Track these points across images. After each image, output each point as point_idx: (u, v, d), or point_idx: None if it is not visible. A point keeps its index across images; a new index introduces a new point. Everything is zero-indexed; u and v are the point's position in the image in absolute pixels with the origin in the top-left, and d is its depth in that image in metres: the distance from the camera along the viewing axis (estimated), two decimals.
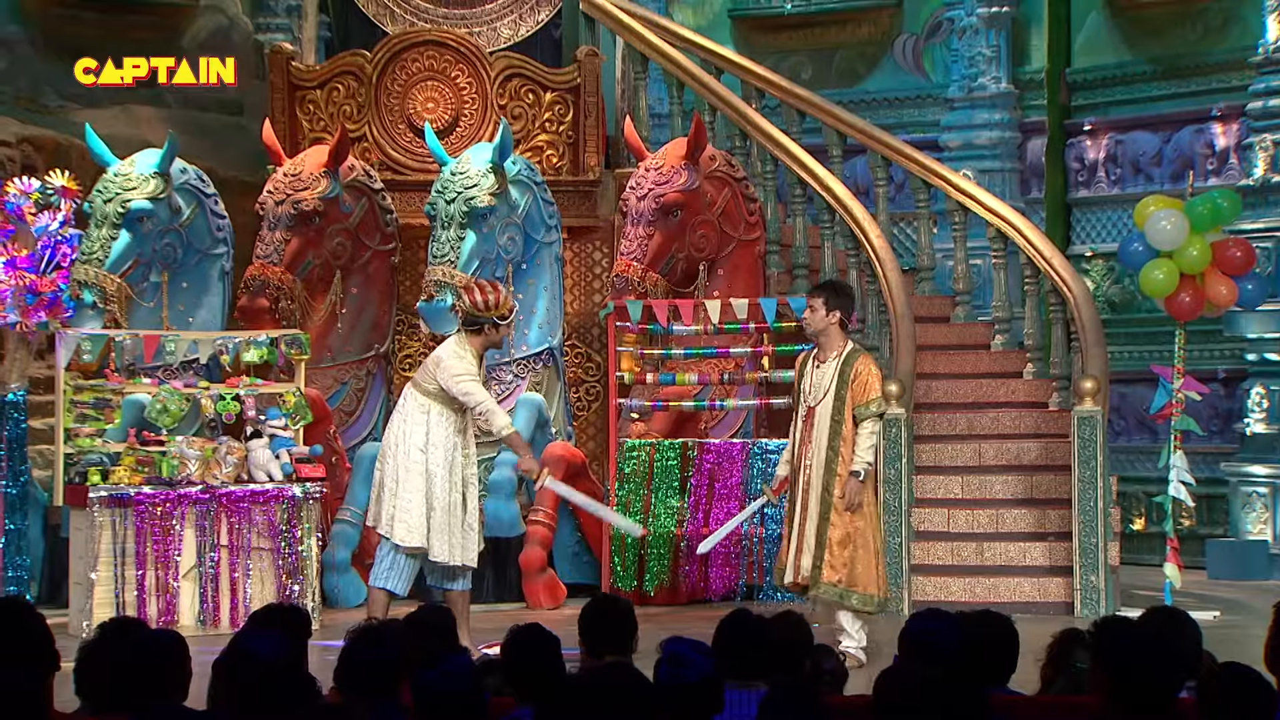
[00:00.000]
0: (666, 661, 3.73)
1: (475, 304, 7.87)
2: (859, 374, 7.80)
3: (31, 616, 4.20)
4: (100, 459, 9.07)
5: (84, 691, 3.95)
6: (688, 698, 3.68)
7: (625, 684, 2.83)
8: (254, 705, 3.74)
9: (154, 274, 9.96)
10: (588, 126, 10.97)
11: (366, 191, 10.53)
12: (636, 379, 9.99)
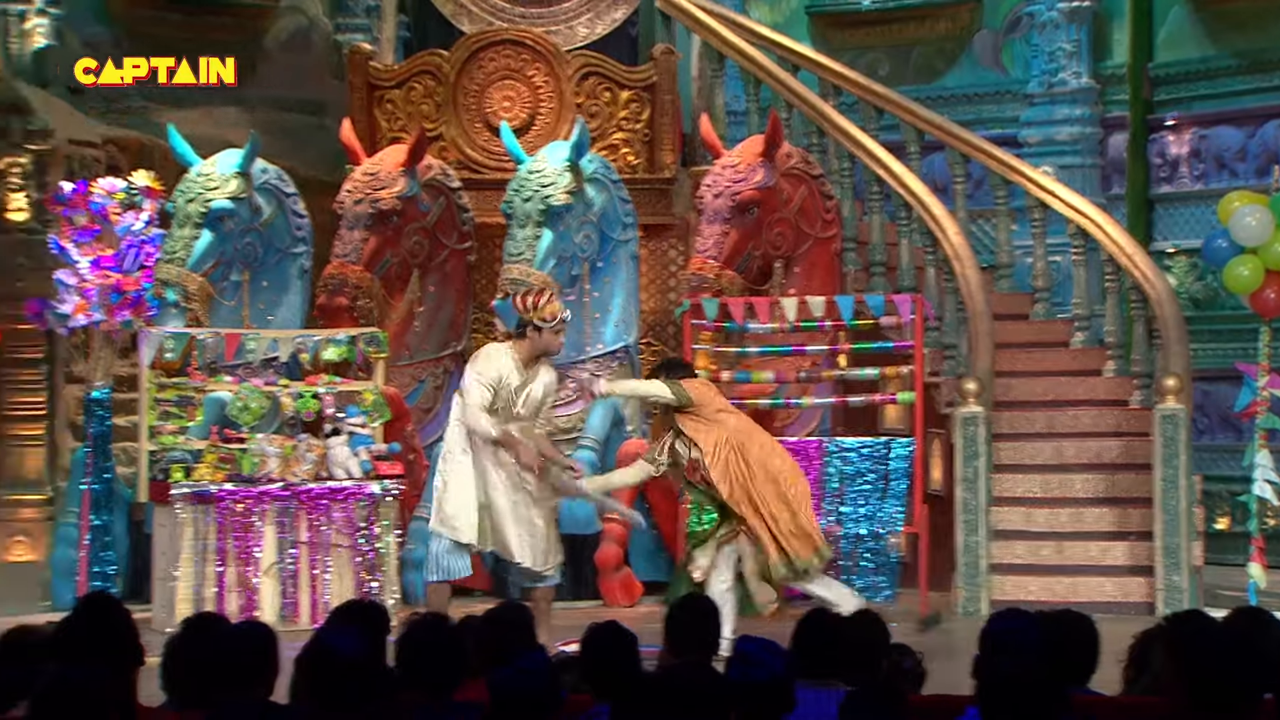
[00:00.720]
0: (736, 661, 3.73)
1: (518, 306, 7.89)
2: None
3: (118, 612, 4.26)
4: (183, 456, 9.18)
5: (170, 686, 3.99)
6: (758, 697, 3.67)
7: (701, 683, 2.83)
8: (334, 701, 3.77)
9: (235, 273, 10.07)
10: (664, 124, 10.96)
11: (444, 190, 10.59)
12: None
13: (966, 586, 9.54)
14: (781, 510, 7.90)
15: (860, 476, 9.48)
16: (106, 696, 3.06)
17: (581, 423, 10.18)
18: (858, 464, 9.49)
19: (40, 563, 10.32)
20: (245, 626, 4.26)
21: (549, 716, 3.68)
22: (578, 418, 10.22)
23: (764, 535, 7.90)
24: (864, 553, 9.45)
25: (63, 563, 9.83)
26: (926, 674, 4.70)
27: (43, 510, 10.53)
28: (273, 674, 4.02)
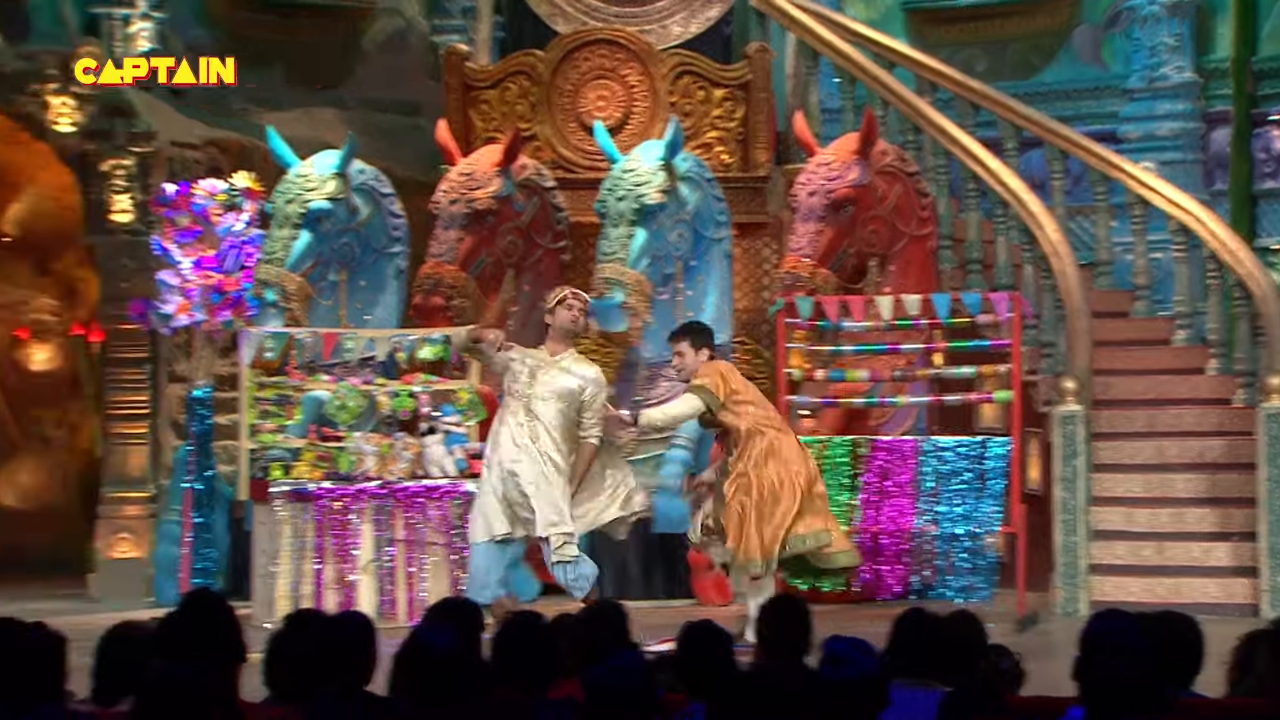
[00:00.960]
0: (827, 660, 3.71)
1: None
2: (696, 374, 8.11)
3: (222, 609, 4.31)
4: (282, 454, 9.28)
5: (271, 681, 4.04)
6: (850, 696, 3.65)
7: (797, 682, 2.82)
8: (431, 696, 3.79)
9: (332, 273, 10.17)
10: (758, 123, 10.93)
11: (538, 190, 10.63)
12: (806, 375, 9.93)
13: (1065, 587, 9.43)
14: (763, 504, 7.94)
15: (956, 476, 9.39)
16: (211, 692, 3.10)
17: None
18: (953, 463, 9.41)
19: (144, 559, 10.49)
20: (343, 617, 4.30)
21: (644, 715, 3.68)
22: None
23: (733, 521, 7.96)
24: (960, 553, 9.36)
25: (166, 559, 9.99)
26: (1025, 674, 4.65)
27: (146, 507, 10.70)
28: (371, 665, 4.06)
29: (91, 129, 10.56)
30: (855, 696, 3.63)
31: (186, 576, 9.47)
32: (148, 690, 3.30)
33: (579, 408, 8.24)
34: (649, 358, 10.29)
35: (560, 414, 8.17)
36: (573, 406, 8.22)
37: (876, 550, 9.53)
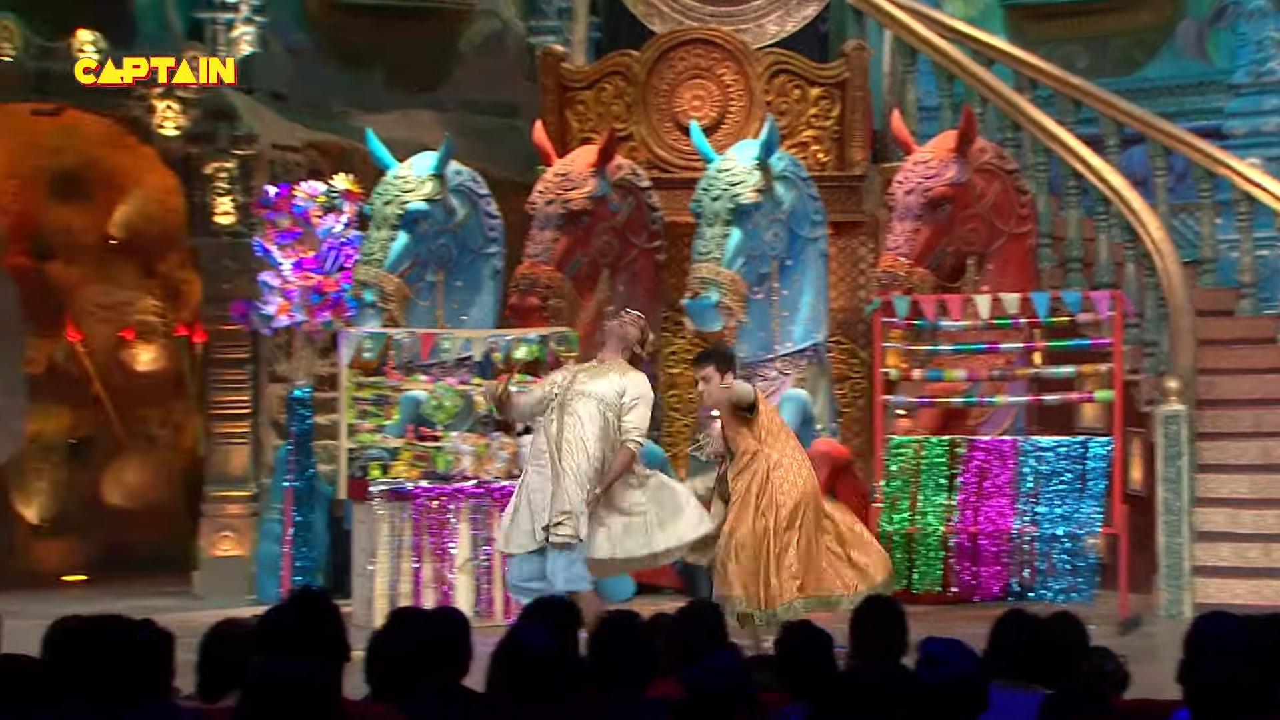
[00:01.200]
0: (923, 661, 3.68)
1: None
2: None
3: (327, 607, 4.35)
4: (380, 454, 9.37)
5: (373, 679, 4.08)
6: (948, 697, 3.61)
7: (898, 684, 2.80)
8: (528, 694, 3.81)
9: (430, 273, 10.25)
10: (854, 121, 10.87)
11: (634, 190, 10.65)
12: (903, 375, 9.86)
13: (1169, 589, 9.29)
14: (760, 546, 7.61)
15: (1056, 476, 9.28)
16: (319, 689, 3.12)
17: None
18: (1053, 463, 9.30)
19: (246, 557, 10.63)
20: (442, 615, 4.33)
21: (741, 714, 3.67)
22: None
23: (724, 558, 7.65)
24: (1060, 554, 9.25)
25: (267, 558, 10.11)
26: (1129, 677, 4.59)
27: (248, 506, 10.84)
28: (467, 660, 4.08)
29: (195, 132, 10.72)
30: (953, 698, 3.60)
31: (287, 575, 9.58)
32: (255, 686, 3.34)
33: (618, 410, 7.76)
34: (744, 357, 10.26)
35: (598, 413, 7.73)
36: (611, 409, 7.75)
37: (975, 551, 9.44)
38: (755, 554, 7.54)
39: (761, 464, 7.66)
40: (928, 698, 3.53)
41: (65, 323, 11.85)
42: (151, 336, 12.18)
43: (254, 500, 10.82)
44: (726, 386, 7.71)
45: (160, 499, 12.29)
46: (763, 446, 7.72)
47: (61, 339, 11.92)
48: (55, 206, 11.71)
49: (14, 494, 11.93)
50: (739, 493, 7.66)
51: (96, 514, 12.16)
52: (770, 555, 7.55)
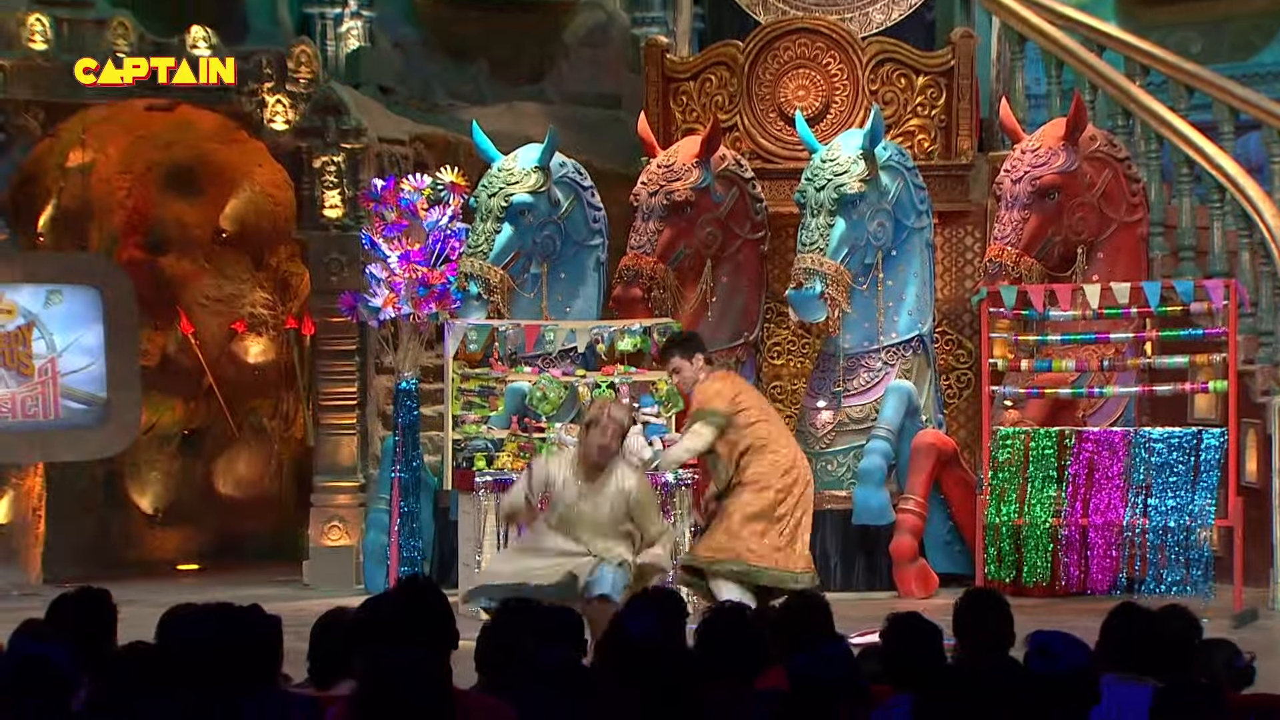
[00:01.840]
0: (1035, 653, 3.64)
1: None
2: (699, 391, 7.87)
3: (435, 596, 4.39)
4: (485, 445, 9.42)
5: (482, 668, 4.10)
6: (1061, 689, 3.57)
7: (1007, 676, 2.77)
8: (633, 684, 3.81)
9: (534, 265, 10.30)
10: (961, 109, 10.77)
11: (737, 181, 10.63)
12: (1010, 366, 9.76)
13: None
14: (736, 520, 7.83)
15: (1169, 468, 9.13)
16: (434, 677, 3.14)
17: (875, 412, 10.09)
18: (1165, 455, 9.15)
19: (354, 547, 10.74)
20: (553, 608, 4.35)
21: (849, 705, 3.65)
22: (871, 407, 10.13)
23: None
24: (1173, 546, 9.10)
25: (374, 547, 10.21)
26: (1254, 673, 4.51)
27: (356, 497, 10.95)
28: (580, 654, 4.10)
29: (304, 127, 10.85)
30: (1065, 690, 3.55)
31: (394, 564, 9.67)
32: (372, 675, 3.37)
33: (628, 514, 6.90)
34: (848, 348, 10.21)
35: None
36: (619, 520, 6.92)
37: (1084, 544, 9.32)
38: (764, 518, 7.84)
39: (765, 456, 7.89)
40: (1039, 690, 3.49)
41: (178, 315, 12.05)
42: (261, 329, 12.35)
43: (362, 491, 10.93)
44: (699, 369, 7.87)
45: (270, 489, 12.46)
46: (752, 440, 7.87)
47: (174, 331, 12.11)
48: (168, 201, 11.91)
49: (129, 484, 12.15)
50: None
51: (209, 504, 12.35)
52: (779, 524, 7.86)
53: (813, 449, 10.19)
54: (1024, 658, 3.73)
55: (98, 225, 11.57)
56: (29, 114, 10.72)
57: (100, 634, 4.30)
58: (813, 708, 3.63)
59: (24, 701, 3.78)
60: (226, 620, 3.91)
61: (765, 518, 7.92)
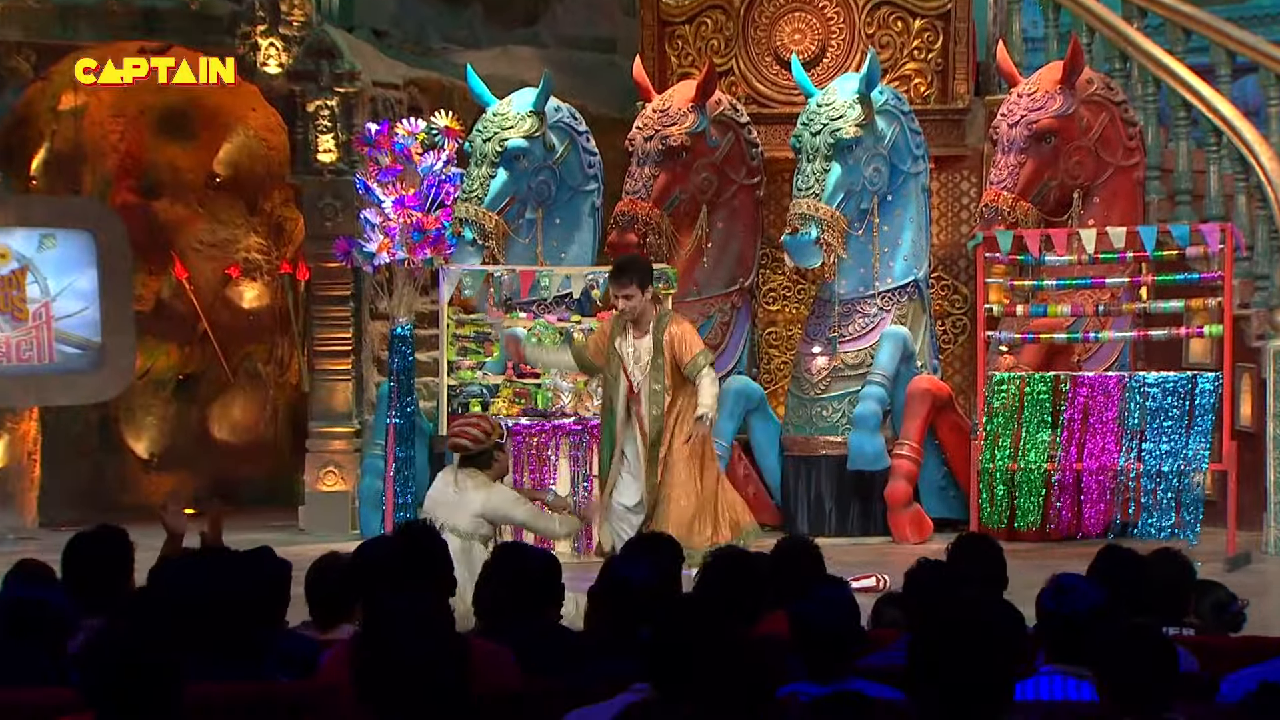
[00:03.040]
0: (1052, 591, 3.65)
1: (476, 439, 6.96)
2: (672, 337, 7.78)
3: (433, 541, 4.41)
4: (480, 391, 9.43)
5: (480, 613, 4.13)
6: (1077, 628, 3.58)
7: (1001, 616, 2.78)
8: (627, 629, 3.83)
9: (529, 210, 10.26)
10: (957, 53, 10.72)
11: (733, 125, 10.58)
12: (1006, 311, 9.75)
13: (1278, 525, 9.14)
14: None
15: (1163, 413, 9.15)
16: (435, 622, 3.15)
17: (870, 358, 10.09)
18: (1160, 400, 9.16)
19: (350, 492, 10.76)
20: (540, 553, 4.37)
21: (852, 649, 3.66)
22: (866, 353, 10.13)
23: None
24: (1166, 491, 9.13)
25: (370, 493, 10.23)
26: (1245, 618, 4.53)
27: (351, 442, 10.97)
28: (560, 597, 4.12)
29: (297, 70, 10.79)
30: (1082, 630, 3.56)
31: (390, 510, 9.69)
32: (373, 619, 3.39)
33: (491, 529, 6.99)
34: (844, 294, 10.21)
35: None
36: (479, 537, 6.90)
37: (1078, 488, 9.34)
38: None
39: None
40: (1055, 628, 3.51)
41: (172, 260, 12.02)
42: (256, 274, 12.32)
43: (357, 436, 10.94)
44: (648, 299, 7.80)
45: (265, 434, 12.47)
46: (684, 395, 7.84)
47: (168, 276, 12.09)
48: (161, 145, 11.86)
49: (124, 429, 12.16)
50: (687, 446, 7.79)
51: (204, 449, 12.36)
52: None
53: (808, 394, 10.21)
54: (1038, 597, 3.73)
55: (91, 169, 11.52)
56: (20, 56, 10.65)
57: (117, 572, 4.31)
58: (815, 651, 3.64)
59: (20, 644, 3.79)
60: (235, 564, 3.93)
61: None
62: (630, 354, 7.96)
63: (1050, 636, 3.64)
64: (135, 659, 2.92)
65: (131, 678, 2.89)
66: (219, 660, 3.64)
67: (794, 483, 10.20)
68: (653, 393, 7.91)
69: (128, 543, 4.46)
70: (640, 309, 7.90)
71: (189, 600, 3.72)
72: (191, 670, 3.10)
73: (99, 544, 4.40)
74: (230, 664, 3.69)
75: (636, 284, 7.85)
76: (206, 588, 3.77)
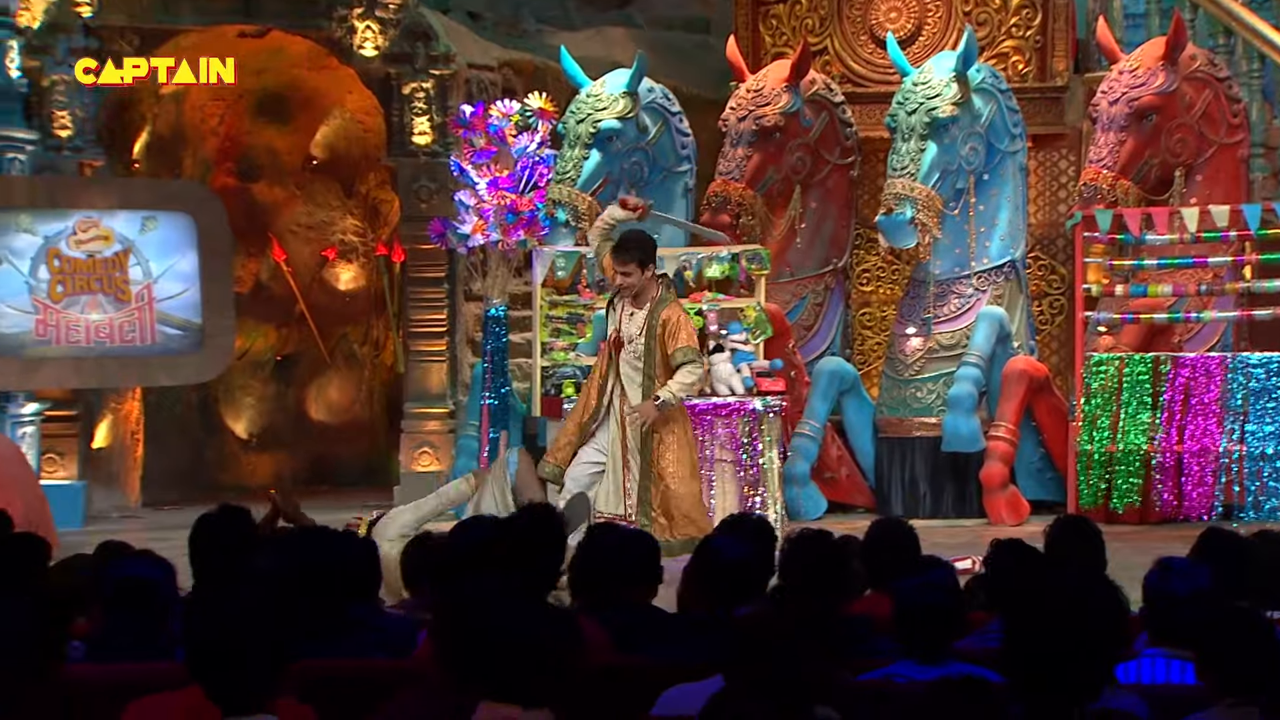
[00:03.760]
0: (1158, 572, 3.60)
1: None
2: (666, 323, 7.56)
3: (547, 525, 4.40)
4: (573, 372, 9.45)
5: (576, 591, 4.14)
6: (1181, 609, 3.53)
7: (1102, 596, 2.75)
8: (722, 603, 3.82)
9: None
10: (1056, 30, 10.57)
11: (827, 105, 10.52)
12: (1105, 291, 9.63)
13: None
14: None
15: (1266, 393, 9.00)
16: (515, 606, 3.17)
17: (965, 339, 10.00)
18: (1264, 381, 9.01)
19: (444, 472, 10.85)
20: (634, 534, 4.37)
21: (953, 632, 3.64)
22: (961, 334, 10.04)
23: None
24: (1270, 472, 8.97)
25: (464, 472, 10.29)
26: None
27: (445, 423, 11.05)
28: (656, 581, 4.12)
29: (393, 53, 10.86)
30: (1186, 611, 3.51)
31: None
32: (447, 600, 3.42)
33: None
34: (939, 274, 10.12)
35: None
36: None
37: (1179, 470, 9.21)
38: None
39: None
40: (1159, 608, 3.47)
41: (270, 242, 12.16)
42: (352, 256, 12.44)
43: (451, 417, 11.02)
44: (648, 276, 7.66)
45: (361, 415, 12.59)
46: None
47: (267, 258, 12.23)
48: (259, 128, 11.99)
49: (224, 409, 12.33)
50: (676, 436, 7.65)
51: (301, 429, 12.51)
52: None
53: (902, 376, 10.14)
54: (1145, 578, 3.69)
55: (191, 152, 11.68)
56: (124, 40, 10.81)
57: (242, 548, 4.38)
58: (917, 631, 3.61)
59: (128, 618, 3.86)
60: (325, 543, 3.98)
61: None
62: (630, 323, 7.88)
63: (1154, 618, 3.59)
64: (240, 634, 2.96)
65: (237, 653, 2.93)
66: (317, 636, 3.68)
67: (887, 465, 10.15)
68: (639, 373, 7.69)
69: (250, 521, 4.53)
70: (640, 286, 7.81)
71: (289, 576, 3.77)
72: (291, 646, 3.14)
73: (223, 524, 4.46)
74: (327, 640, 3.73)
75: (637, 262, 7.77)
76: (306, 563, 3.82)
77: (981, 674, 3.24)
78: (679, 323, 7.67)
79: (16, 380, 10.10)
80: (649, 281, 7.74)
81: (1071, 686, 2.75)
